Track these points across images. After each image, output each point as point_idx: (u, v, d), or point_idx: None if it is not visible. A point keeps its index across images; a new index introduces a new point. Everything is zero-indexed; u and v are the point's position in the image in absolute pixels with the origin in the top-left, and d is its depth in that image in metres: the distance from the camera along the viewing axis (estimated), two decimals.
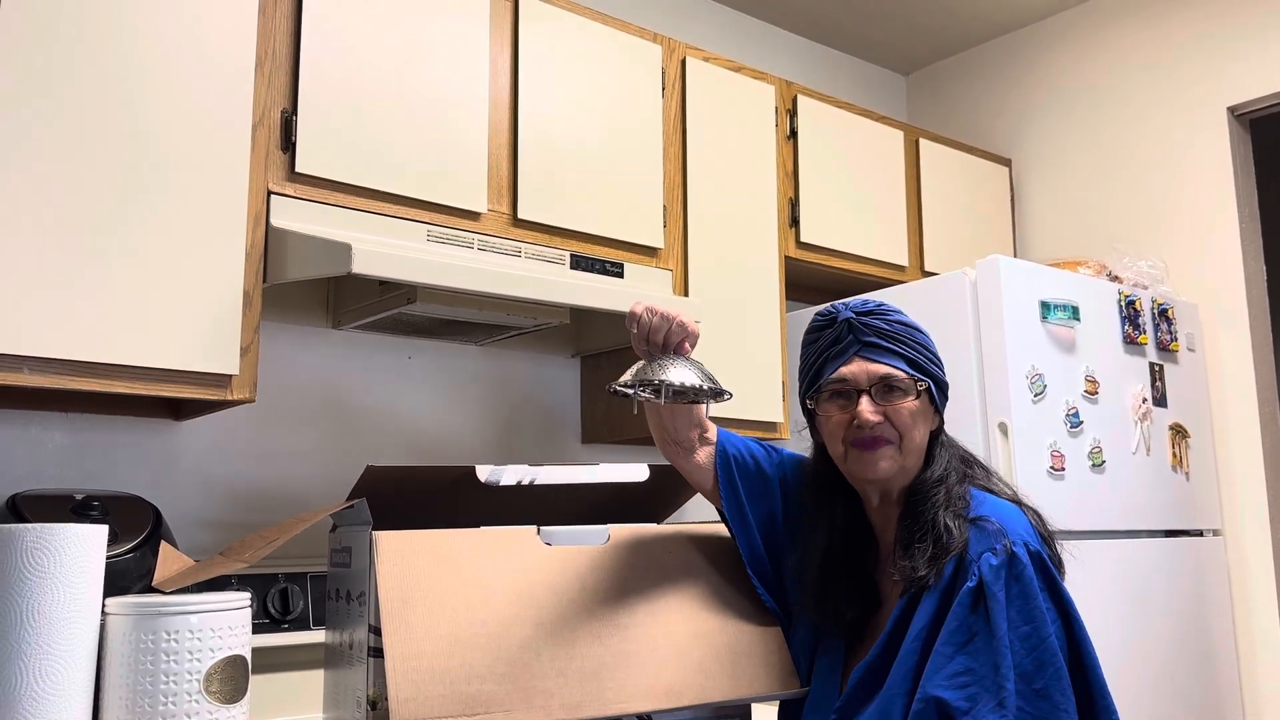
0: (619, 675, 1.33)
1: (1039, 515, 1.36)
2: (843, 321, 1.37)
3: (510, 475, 1.44)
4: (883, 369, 1.34)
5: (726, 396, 1.36)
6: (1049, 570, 1.28)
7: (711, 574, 1.47)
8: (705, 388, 1.34)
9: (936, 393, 1.38)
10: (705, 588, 1.45)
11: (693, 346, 1.39)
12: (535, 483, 1.47)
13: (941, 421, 1.42)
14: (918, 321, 1.41)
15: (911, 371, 1.35)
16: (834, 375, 1.36)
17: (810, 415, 1.44)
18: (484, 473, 1.42)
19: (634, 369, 1.36)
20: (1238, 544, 2.85)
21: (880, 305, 1.39)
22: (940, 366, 1.40)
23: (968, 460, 1.42)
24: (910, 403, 1.34)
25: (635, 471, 1.56)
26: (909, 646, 1.27)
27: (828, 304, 1.44)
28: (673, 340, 1.36)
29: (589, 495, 1.60)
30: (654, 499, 1.66)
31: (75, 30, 1.66)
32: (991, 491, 1.37)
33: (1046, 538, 1.33)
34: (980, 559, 1.26)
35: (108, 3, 1.70)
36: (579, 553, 1.40)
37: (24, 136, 1.60)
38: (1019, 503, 1.36)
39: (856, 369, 1.35)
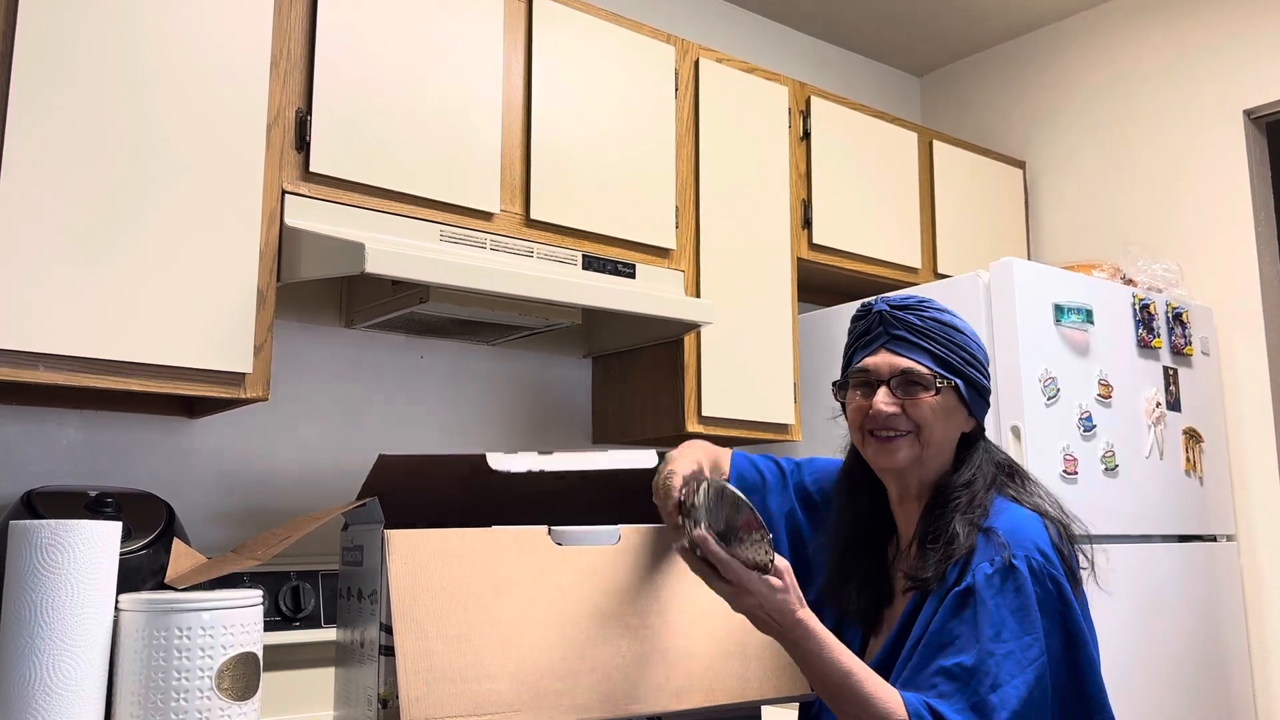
0: (629, 676, 1.33)
1: (1065, 528, 1.34)
2: (875, 313, 1.39)
3: (521, 463, 1.45)
4: (905, 362, 1.35)
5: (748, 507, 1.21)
6: (1051, 586, 1.26)
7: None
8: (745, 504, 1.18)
9: (968, 394, 1.37)
10: None
11: (692, 492, 1.24)
12: (545, 470, 1.47)
13: (979, 426, 1.41)
14: (966, 324, 1.41)
15: (936, 368, 1.35)
16: (859, 365, 1.38)
17: (843, 403, 1.45)
18: (495, 460, 1.43)
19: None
20: (1251, 549, 2.84)
21: (921, 301, 1.39)
22: (978, 369, 1.39)
23: (1008, 470, 1.41)
24: (929, 398, 1.34)
25: (645, 457, 1.56)
26: (910, 647, 1.28)
27: (873, 296, 1.43)
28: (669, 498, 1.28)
29: (601, 488, 1.60)
30: None
31: (91, 30, 1.67)
32: (1021, 503, 1.35)
33: (1066, 554, 1.30)
34: (977, 567, 1.25)
35: (124, 4, 1.71)
36: (590, 552, 1.40)
37: (41, 136, 1.61)
38: (1045, 514, 1.34)
39: (880, 360, 1.36)
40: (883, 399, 1.34)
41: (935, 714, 1.17)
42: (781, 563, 1.17)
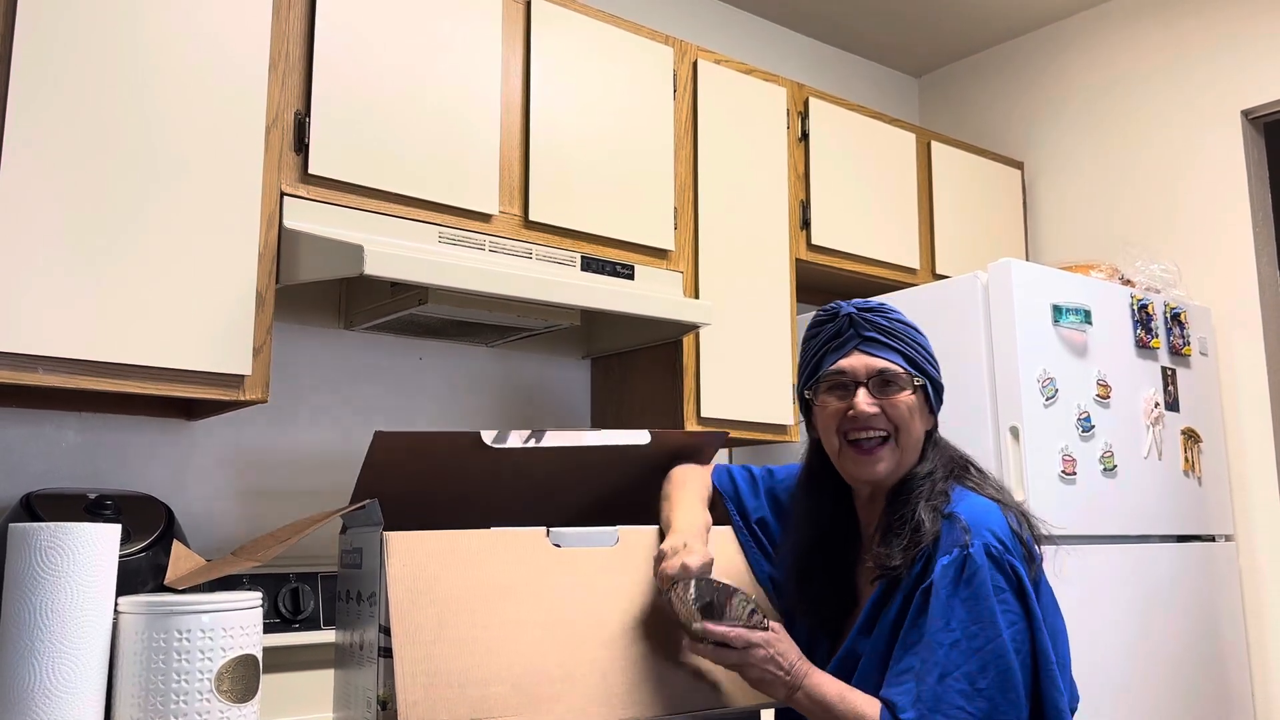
0: (626, 680, 1.33)
1: (1025, 517, 1.36)
2: (844, 316, 1.41)
3: (516, 439, 1.46)
4: (881, 363, 1.37)
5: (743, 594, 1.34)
6: (1010, 573, 1.27)
7: (720, 577, 1.47)
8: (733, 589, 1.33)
9: (932, 393, 1.41)
10: None
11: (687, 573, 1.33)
12: (539, 445, 1.48)
13: (936, 423, 1.44)
14: (918, 324, 1.45)
15: (908, 368, 1.38)
16: (833, 367, 1.40)
17: (807, 408, 1.46)
18: (489, 437, 1.44)
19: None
20: (1250, 549, 2.84)
21: (882, 304, 1.42)
22: (936, 368, 1.43)
23: (962, 462, 1.43)
24: (906, 397, 1.37)
25: (637, 436, 1.57)
26: (876, 640, 1.31)
27: (833, 302, 1.46)
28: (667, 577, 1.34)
29: (597, 476, 1.61)
30: (661, 474, 1.65)
31: (90, 33, 1.67)
32: (980, 492, 1.37)
33: (1024, 539, 1.32)
34: (938, 560, 1.28)
35: (123, 5, 1.71)
36: (588, 554, 1.40)
37: (40, 137, 1.61)
38: (1003, 503, 1.36)
39: (855, 362, 1.38)
40: (865, 400, 1.36)
41: (892, 713, 1.23)
42: (774, 624, 1.30)
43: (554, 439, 1.50)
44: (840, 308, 1.42)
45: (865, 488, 1.42)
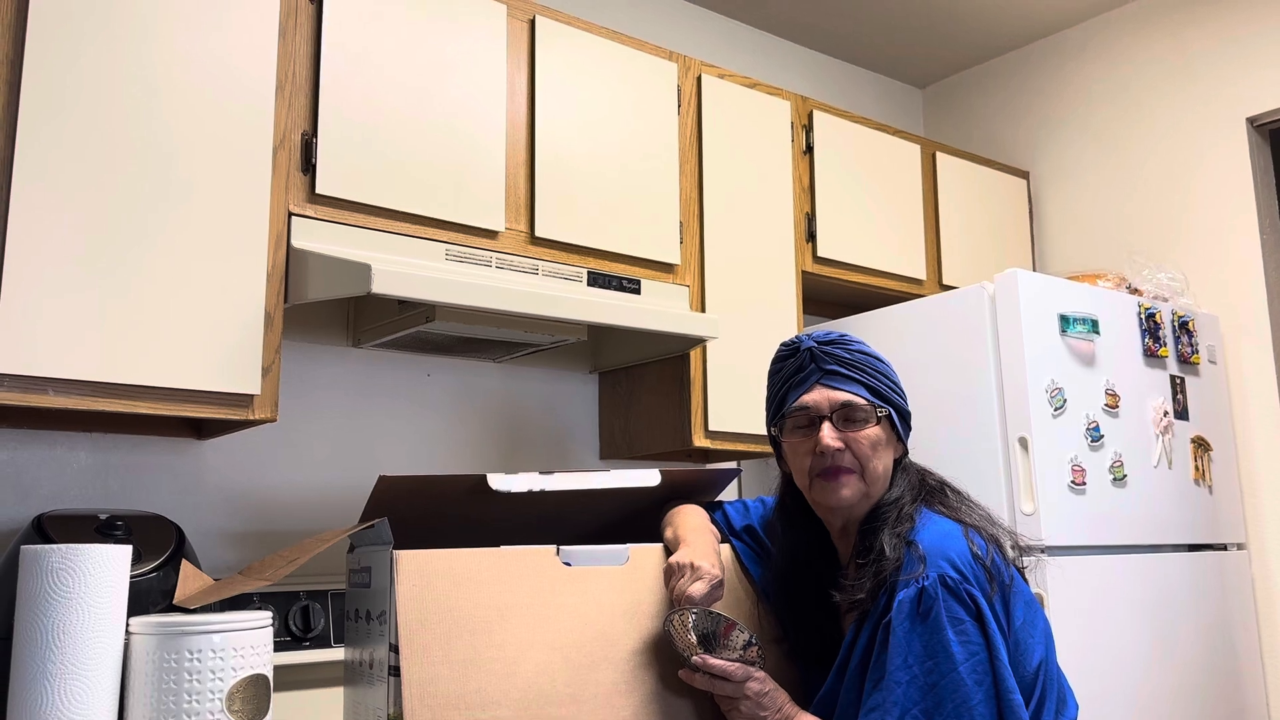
0: (633, 702, 1.33)
1: (996, 542, 1.33)
2: (805, 351, 1.41)
3: (521, 483, 1.45)
4: (843, 396, 1.37)
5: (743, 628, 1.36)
6: (969, 601, 1.25)
7: (729, 597, 1.47)
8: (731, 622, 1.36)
9: (898, 421, 1.41)
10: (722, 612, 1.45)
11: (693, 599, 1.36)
12: (546, 490, 1.47)
13: (905, 450, 1.44)
14: (880, 352, 1.46)
15: (872, 399, 1.38)
16: (796, 403, 1.39)
17: (776, 444, 1.47)
18: (495, 481, 1.43)
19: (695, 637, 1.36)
20: (1262, 557, 2.82)
21: (843, 336, 1.42)
22: (902, 396, 1.43)
23: (937, 485, 1.43)
24: (871, 429, 1.37)
25: (647, 476, 1.56)
26: (850, 679, 1.31)
27: (793, 336, 1.47)
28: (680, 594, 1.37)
29: (605, 505, 1.61)
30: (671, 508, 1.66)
31: (98, 57, 1.69)
32: (947, 515, 1.36)
33: (988, 563, 1.29)
34: (896, 595, 1.27)
35: (131, 27, 1.73)
36: (599, 573, 1.40)
37: (48, 159, 1.62)
38: (972, 525, 1.34)
39: (818, 396, 1.38)
40: (829, 434, 1.36)
41: None
42: (760, 673, 1.34)
43: (561, 482, 1.49)
44: (801, 342, 1.42)
45: (837, 518, 1.42)
